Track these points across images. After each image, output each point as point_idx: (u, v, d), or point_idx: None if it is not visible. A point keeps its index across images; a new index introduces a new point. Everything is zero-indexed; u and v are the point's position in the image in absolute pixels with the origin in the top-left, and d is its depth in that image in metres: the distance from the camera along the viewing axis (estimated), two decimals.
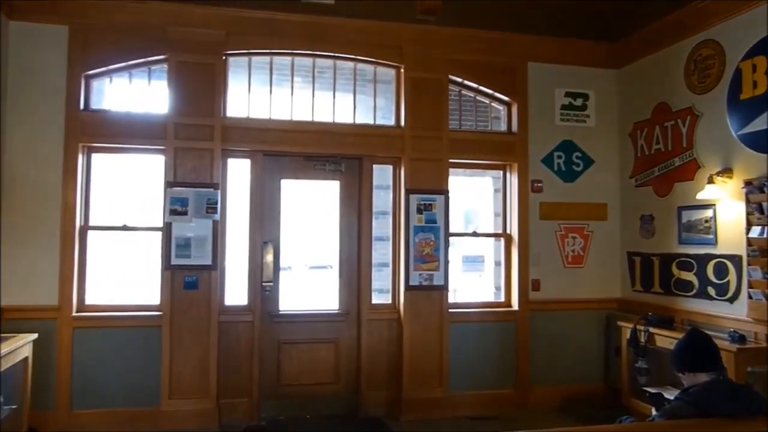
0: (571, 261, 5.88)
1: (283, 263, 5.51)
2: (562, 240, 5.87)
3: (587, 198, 5.97)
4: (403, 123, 5.59)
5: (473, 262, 6.00)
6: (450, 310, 5.55)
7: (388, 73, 5.76)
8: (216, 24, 5.21)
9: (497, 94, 5.90)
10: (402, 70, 5.62)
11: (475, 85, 5.84)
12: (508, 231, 5.91)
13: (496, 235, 6.07)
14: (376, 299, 5.68)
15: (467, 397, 5.56)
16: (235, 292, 5.34)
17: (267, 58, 5.50)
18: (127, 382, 4.97)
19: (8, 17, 4.86)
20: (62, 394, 4.86)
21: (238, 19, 5.25)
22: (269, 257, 5.39)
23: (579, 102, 5.97)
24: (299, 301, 5.61)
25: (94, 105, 5.17)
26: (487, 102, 5.97)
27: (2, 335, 4.29)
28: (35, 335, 4.44)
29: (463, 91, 5.88)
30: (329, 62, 5.63)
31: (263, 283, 5.33)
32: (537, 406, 5.64)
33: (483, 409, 5.53)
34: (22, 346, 4.18)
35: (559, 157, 5.91)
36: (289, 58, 5.54)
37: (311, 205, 5.73)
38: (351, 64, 5.67)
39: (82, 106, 5.02)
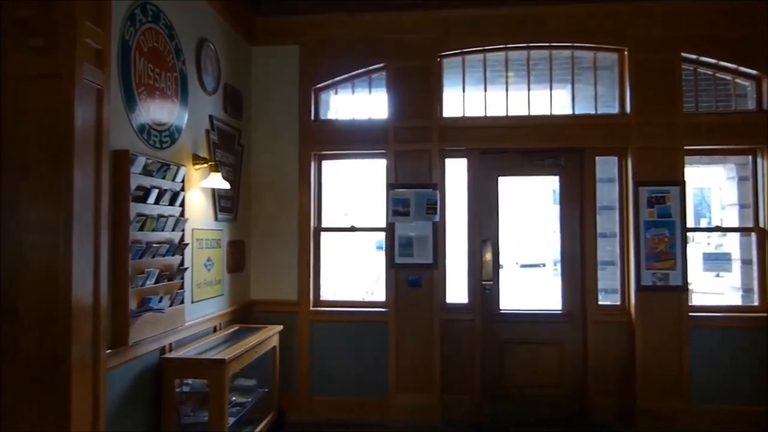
0: None
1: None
2: None
3: None
4: (628, 110, 5.16)
5: (716, 260, 5.33)
6: (689, 314, 4.99)
7: (608, 58, 5.38)
8: (429, 27, 5.32)
9: (742, 69, 5.16)
10: (625, 53, 5.20)
11: (713, 61, 5.18)
12: (761, 224, 5.14)
13: (744, 230, 5.34)
14: (603, 300, 5.33)
15: (713, 411, 4.95)
16: (456, 290, 5.39)
17: (480, 56, 5.46)
18: (357, 373, 5.28)
19: (250, 44, 5.46)
20: (302, 381, 5.32)
21: (451, 19, 5.30)
22: (488, 256, 5.35)
23: None
24: (517, 300, 5.47)
25: (323, 116, 5.60)
26: (729, 78, 5.27)
27: (255, 326, 4.84)
28: (281, 327, 4.92)
29: (699, 69, 5.24)
30: (544, 53, 5.42)
31: (483, 282, 5.31)
32: None
33: (731, 425, 4.89)
34: (271, 336, 4.66)
35: None
36: (502, 54, 5.44)
37: (527, 202, 5.57)
38: (567, 52, 5.40)
39: (312, 117, 5.46)
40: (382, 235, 5.40)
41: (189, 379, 3.88)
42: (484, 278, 5.32)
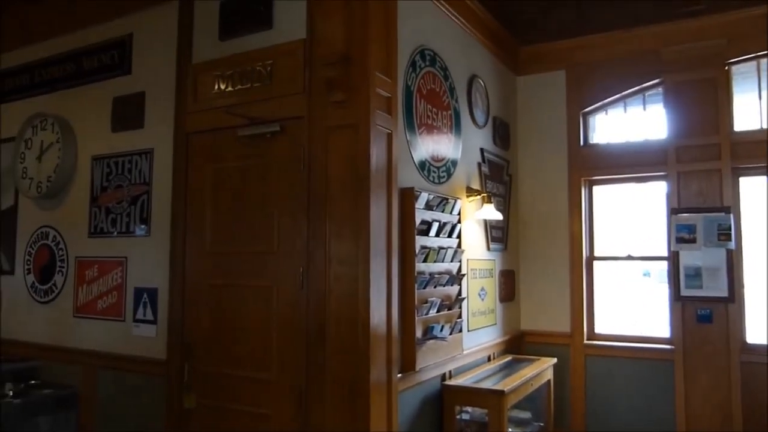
0: None
1: None
2: None
3: None
4: None
5: None
6: None
7: None
8: (713, 34, 4.79)
9: None
10: None
11: None
12: None
13: None
14: None
15: None
16: (759, 328, 4.67)
17: None
18: (638, 414, 4.86)
19: (515, 74, 5.53)
20: (577, 418, 5.08)
21: (740, 22, 4.71)
22: None
23: None
24: None
25: (591, 139, 5.38)
26: None
27: (528, 357, 4.78)
28: (555, 359, 4.78)
29: None
30: None
31: None
32: None
33: None
34: (546, 369, 4.55)
35: None
36: None
37: None
38: None
39: (581, 142, 5.28)
40: (648, 263, 5.01)
41: (468, 407, 3.97)
42: None
